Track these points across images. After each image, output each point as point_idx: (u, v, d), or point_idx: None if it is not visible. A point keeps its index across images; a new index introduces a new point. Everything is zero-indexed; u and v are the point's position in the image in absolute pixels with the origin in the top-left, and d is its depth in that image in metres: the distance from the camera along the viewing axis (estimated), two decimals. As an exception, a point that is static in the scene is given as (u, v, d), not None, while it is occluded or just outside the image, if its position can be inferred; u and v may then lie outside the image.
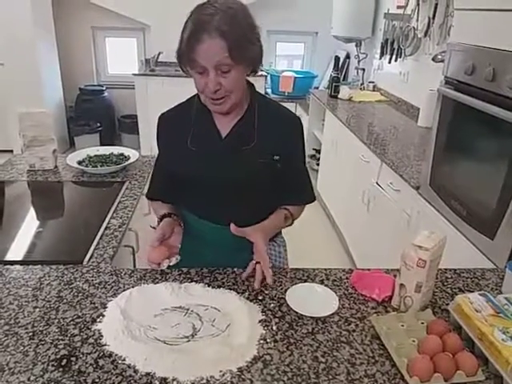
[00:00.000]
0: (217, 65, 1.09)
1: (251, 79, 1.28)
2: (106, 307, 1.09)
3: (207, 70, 1.10)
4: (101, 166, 1.99)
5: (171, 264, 1.22)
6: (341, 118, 3.41)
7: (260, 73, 4.85)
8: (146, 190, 1.87)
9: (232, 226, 1.20)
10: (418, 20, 3.33)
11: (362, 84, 4.43)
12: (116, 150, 2.17)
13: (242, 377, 0.90)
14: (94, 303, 1.11)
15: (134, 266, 1.68)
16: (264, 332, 1.03)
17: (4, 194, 1.82)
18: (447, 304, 1.13)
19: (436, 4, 3.02)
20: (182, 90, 1.25)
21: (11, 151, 4.33)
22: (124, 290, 1.16)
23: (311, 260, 2.91)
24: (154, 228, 1.33)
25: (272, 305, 1.12)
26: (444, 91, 1.83)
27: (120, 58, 5.60)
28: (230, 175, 1.24)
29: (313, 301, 1.12)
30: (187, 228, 1.34)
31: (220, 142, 1.25)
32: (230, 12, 1.08)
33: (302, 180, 1.37)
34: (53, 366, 0.91)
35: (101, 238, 1.44)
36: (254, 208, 1.28)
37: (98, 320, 1.05)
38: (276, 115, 1.29)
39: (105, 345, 0.97)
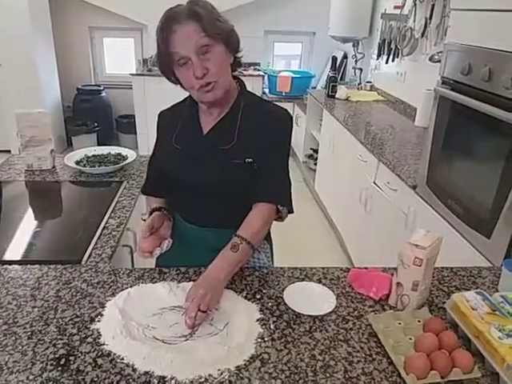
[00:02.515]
0: (197, 49, 1.10)
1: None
2: (104, 307, 1.10)
3: (189, 58, 1.11)
4: (99, 166, 1.99)
5: (163, 250, 1.23)
6: (338, 117, 3.42)
7: (257, 73, 4.91)
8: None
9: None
10: (414, 20, 3.35)
11: (359, 84, 4.44)
12: (114, 149, 2.18)
13: (240, 375, 0.91)
14: (93, 303, 1.11)
15: (133, 266, 1.68)
16: (262, 331, 1.03)
17: (2, 194, 1.82)
18: (444, 302, 1.14)
19: (433, 4, 3.03)
20: (179, 89, 1.25)
21: (9, 151, 4.33)
22: (122, 290, 1.16)
23: (309, 259, 2.93)
24: (144, 220, 1.35)
25: (270, 304, 1.13)
26: (441, 91, 1.84)
27: (117, 58, 5.60)
28: (206, 174, 1.24)
29: (310, 299, 1.13)
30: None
31: (200, 139, 1.26)
32: (195, 1, 1.14)
33: (280, 180, 1.28)
34: (51, 365, 0.92)
35: (99, 238, 1.44)
36: (231, 208, 1.25)
37: (97, 319, 1.05)
38: (261, 113, 1.26)
39: (103, 344, 0.97)
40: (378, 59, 4.08)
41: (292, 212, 1.30)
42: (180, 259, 1.30)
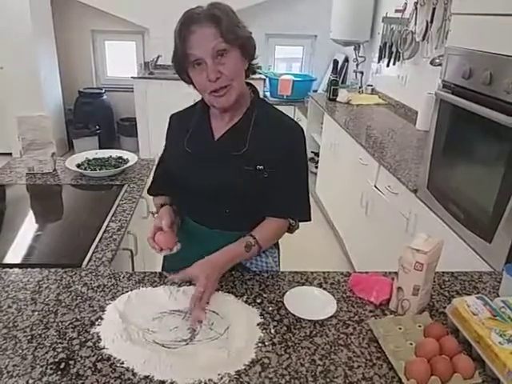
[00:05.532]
0: (213, 53, 1.11)
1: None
2: (104, 310, 1.09)
3: (205, 61, 1.12)
4: (100, 169, 2.00)
5: (174, 251, 1.24)
6: (339, 121, 3.42)
7: (259, 76, 4.91)
8: (145, 193, 1.89)
9: (170, 275, 1.20)
10: (416, 24, 3.35)
11: (360, 87, 4.44)
12: (115, 153, 2.18)
13: (240, 380, 0.90)
14: (93, 306, 1.11)
15: (133, 270, 1.68)
16: (262, 335, 1.03)
17: (3, 197, 1.82)
18: (444, 307, 1.14)
19: (434, 8, 3.04)
20: (180, 93, 1.26)
21: (10, 154, 4.33)
22: (122, 293, 1.16)
23: (309, 263, 2.92)
24: (152, 214, 1.37)
25: (270, 308, 1.13)
26: (441, 95, 1.84)
27: (119, 61, 5.61)
28: (215, 179, 1.23)
29: (311, 304, 1.13)
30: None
31: (211, 143, 1.26)
32: (216, 5, 1.15)
33: (293, 193, 1.28)
34: (51, 369, 0.92)
35: (99, 242, 1.44)
36: (241, 214, 1.27)
37: (97, 323, 1.05)
38: (274, 124, 1.26)
39: (103, 348, 0.97)
40: (379, 62, 4.08)
41: (309, 220, 1.32)
42: (188, 260, 1.29)
